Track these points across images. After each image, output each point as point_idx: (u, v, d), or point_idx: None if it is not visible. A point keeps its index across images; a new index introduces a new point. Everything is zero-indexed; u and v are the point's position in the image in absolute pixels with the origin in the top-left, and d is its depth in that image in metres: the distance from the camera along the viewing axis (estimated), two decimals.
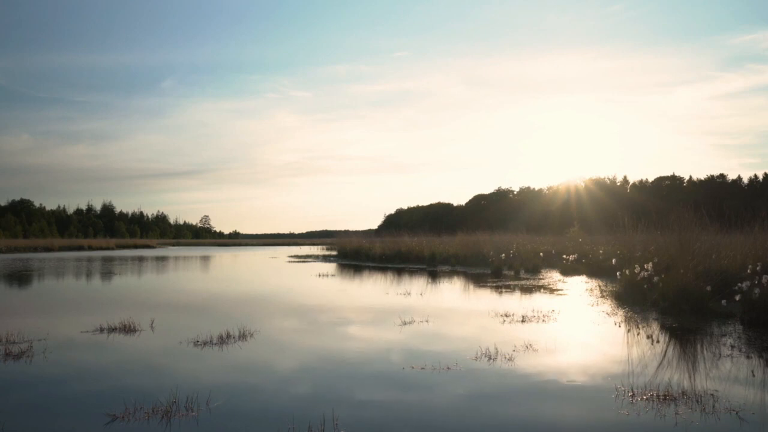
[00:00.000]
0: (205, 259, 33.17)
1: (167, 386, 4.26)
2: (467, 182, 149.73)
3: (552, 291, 11.68)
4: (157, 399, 3.93)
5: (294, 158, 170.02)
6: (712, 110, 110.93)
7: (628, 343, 6.07)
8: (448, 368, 4.87)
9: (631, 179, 79.97)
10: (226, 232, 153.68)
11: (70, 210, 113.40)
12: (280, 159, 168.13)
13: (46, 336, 6.39)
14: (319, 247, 64.97)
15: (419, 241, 26.19)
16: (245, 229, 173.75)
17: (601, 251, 16.21)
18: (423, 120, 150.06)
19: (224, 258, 34.56)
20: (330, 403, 3.88)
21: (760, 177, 70.45)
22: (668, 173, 77.58)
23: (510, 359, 5.19)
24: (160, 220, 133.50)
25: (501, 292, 11.46)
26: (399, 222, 72.26)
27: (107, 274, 18.55)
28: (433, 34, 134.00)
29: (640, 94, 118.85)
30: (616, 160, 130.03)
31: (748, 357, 5.31)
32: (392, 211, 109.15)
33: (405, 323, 7.37)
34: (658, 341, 6.12)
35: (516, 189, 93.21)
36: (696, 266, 8.50)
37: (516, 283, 13.67)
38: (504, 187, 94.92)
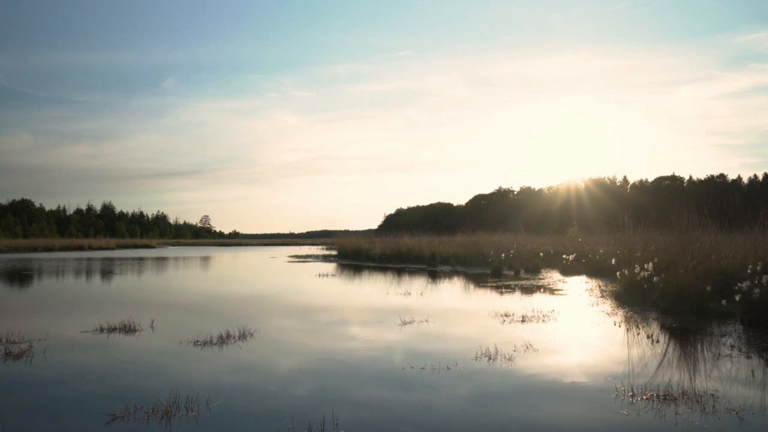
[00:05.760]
0: (205, 259, 33.18)
1: (167, 386, 4.26)
2: (467, 182, 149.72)
3: (552, 291, 11.69)
4: (157, 399, 3.93)
5: (294, 158, 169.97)
6: (713, 110, 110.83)
7: (628, 343, 6.07)
8: (448, 368, 4.88)
9: (631, 179, 79.96)
10: (226, 232, 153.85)
11: (70, 210, 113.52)
12: (280, 159, 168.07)
13: (46, 336, 6.39)
14: (319, 247, 65.04)
15: (419, 241, 26.17)
16: (245, 229, 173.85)
17: (601, 251, 16.21)
18: (424, 120, 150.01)
19: (224, 258, 34.55)
20: (330, 403, 3.88)
21: (760, 177, 70.48)
22: (668, 173, 77.61)
23: (510, 359, 5.19)
24: (160, 220, 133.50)
25: (501, 292, 11.46)
26: (399, 222, 72.19)
27: (107, 274, 18.55)
28: (434, 33, 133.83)
29: (641, 93, 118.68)
30: (616, 160, 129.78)
31: (748, 357, 5.31)
32: (392, 211, 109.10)
33: (405, 323, 7.37)
34: (658, 341, 6.12)
35: (516, 189, 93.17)
36: (696, 266, 8.50)
37: (516, 283, 13.68)
38: (504, 187, 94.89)
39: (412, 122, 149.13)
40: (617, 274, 10.34)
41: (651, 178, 78.53)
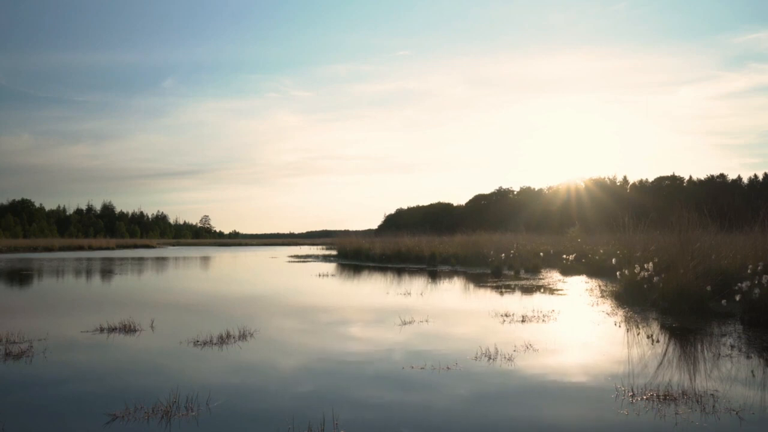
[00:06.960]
0: (205, 259, 33.18)
1: (167, 386, 4.26)
2: (467, 182, 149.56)
3: (552, 291, 11.68)
4: (157, 399, 3.93)
5: (294, 158, 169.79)
6: (713, 110, 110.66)
7: (628, 343, 6.07)
8: (448, 368, 4.88)
9: (631, 179, 79.85)
10: (226, 232, 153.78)
11: (70, 210, 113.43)
12: (280, 159, 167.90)
13: (46, 336, 6.39)
14: (319, 247, 65.04)
15: (419, 241, 26.17)
16: (245, 229, 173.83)
17: (601, 251, 16.21)
18: (424, 120, 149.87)
19: (224, 258, 34.55)
20: (330, 403, 3.88)
21: (760, 177, 70.47)
22: (668, 173, 77.55)
23: (510, 359, 5.19)
24: (160, 220, 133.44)
25: (501, 292, 11.46)
26: (399, 222, 72.22)
27: (107, 274, 18.55)
28: (434, 33, 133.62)
29: (641, 93, 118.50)
30: (616, 160, 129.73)
31: (748, 357, 5.31)
32: (392, 211, 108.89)
33: (405, 323, 7.37)
34: (658, 341, 6.12)
35: (516, 189, 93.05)
36: (696, 266, 8.50)
37: (516, 283, 13.67)
38: (504, 187, 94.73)
39: (412, 122, 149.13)
40: (617, 274, 10.34)
41: (651, 178, 78.52)
